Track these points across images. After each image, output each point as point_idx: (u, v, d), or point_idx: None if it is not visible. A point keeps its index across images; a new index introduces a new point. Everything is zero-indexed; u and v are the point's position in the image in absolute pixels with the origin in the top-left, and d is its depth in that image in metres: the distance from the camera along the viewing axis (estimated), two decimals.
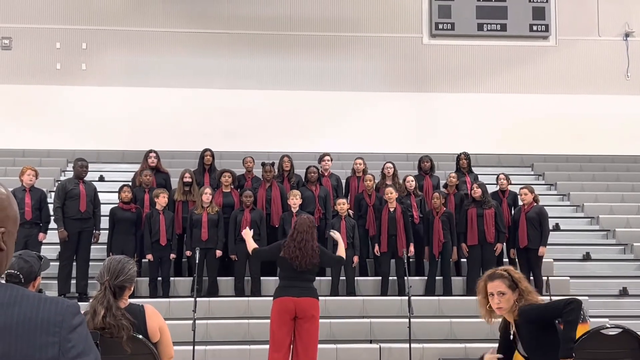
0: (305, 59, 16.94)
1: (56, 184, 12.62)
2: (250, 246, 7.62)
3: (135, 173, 11.91)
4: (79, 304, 1.76)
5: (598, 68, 17.28)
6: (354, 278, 10.71)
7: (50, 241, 10.86)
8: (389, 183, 11.67)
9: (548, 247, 11.10)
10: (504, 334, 4.86)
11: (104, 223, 10.84)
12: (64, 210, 10.46)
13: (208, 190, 10.60)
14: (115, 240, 10.46)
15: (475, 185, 11.11)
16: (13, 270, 3.88)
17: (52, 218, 10.62)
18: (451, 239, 10.80)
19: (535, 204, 10.92)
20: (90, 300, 4.26)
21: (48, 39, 16.40)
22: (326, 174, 11.89)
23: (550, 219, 11.81)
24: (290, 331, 7.23)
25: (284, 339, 7.19)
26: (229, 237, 10.57)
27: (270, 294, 10.07)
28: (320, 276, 10.96)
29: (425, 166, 12.35)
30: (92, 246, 10.68)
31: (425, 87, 17.05)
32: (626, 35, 17.41)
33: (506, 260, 10.80)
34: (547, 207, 11.70)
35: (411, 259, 10.91)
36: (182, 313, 9.37)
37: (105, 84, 16.27)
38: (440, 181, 12.44)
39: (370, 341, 9.80)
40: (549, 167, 15.98)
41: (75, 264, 10.49)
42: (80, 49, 16.47)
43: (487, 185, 11.62)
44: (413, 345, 9.01)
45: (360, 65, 17.02)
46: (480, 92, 17.07)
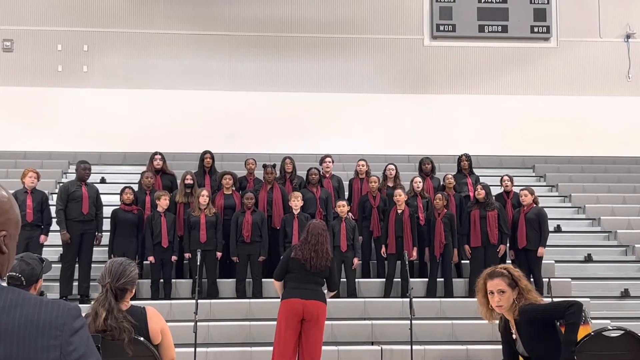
0: (307, 60, 16.94)
1: (58, 186, 12.63)
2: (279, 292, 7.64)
3: (141, 174, 11.93)
4: (80, 306, 1.76)
5: (599, 69, 17.27)
6: (355, 280, 10.70)
7: (52, 243, 10.86)
8: (390, 185, 11.67)
9: (549, 249, 11.08)
10: (505, 336, 4.83)
11: (106, 225, 10.85)
12: (66, 212, 10.46)
13: (205, 192, 10.60)
14: (116, 242, 10.46)
15: (479, 186, 11.10)
16: (15, 273, 3.88)
17: (54, 220, 10.62)
18: (452, 241, 10.80)
19: (534, 205, 10.92)
20: (92, 303, 4.26)
21: (49, 41, 16.42)
22: (327, 176, 11.89)
23: (552, 221, 11.80)
24: (296, 332, 7.22)
25: (290, 340, 7.19)
26: (230, 239, 10.57)
27: (272, 295, 10.12)
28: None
29: (426, 168, 12.34)
30: (94, 248, 10.68)
31: (426, 89, 17.05)
32: (627, 36, 17.41)
33: (509, 261, 10.79)
34: (548, 209, 11.70)
35: (415, 261, 10.92)
36: (184, 315, 9.36)
37: (106, 86, 16.28)
38: (442, 183, 12.43)
39: (372, 343, 9.79)
40: (550, 169, 15.98)
41: (77, 266, 10.49)
42: (82, 51, 16.48)
43: (490, 186, 11.59)
44: (414, 347, 9.01)
45: (362, 66, 17.03)
46: (482, 94, 17.06)
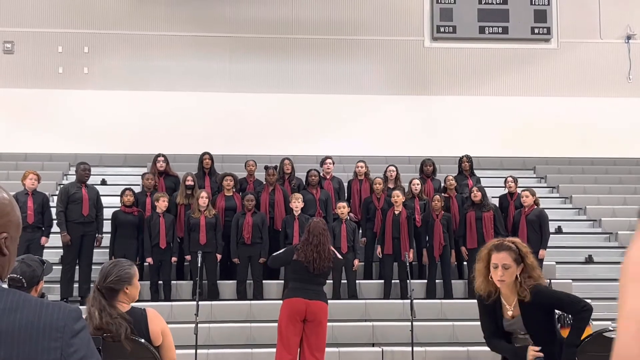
0: (307, 62, 16.95)
1: (58, 187, 12.63)
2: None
3: (142, 175, 11.94)
4: (81, 308, 1.76)
5: (600, 71, 17.27)
6: (356, 281, 10.70)
7: (53, 245, 10.86)
8: (391, 186, 11.68)
9: (550, 251, 11.07)
10: (490, 310, 4.66)
11: (107, 227, 10.85)
12: (67, 214, 10.47)
13: (204, 194, 10.60)
14: (117, 243, 10.46)
15: (475, 188, 11.11)
16: (16, 275, 3.88)
17: (55, 222, 10.63)
18: (449, 242, 10.81)
19: (535, 207, 10.91)
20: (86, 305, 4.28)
21: (50, 42, 16.42)
22: (328, 177, 11.89)
23: (553, 222, 11.79)
24: (299, 332, 7.22)
25: (293, 339, 7.19)
26: (231, 241, 10.57)
27: (273, 297, 10.12)
28: None
29: (427, 169, 12.35)
30: (95, 250, 10.68)
31: (427, 90, 17.05)
32: (628, 37, 17.41)
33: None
34: (549, 210, 11.69)
35: (414, 262, 10.91)
36: (184, 317, 9.36)
37: (107, 87, 16.28)
38: (442, 184, 12.44)
39: (373, 344, 9.79)
40: (551, 170, 15.97)
41: (77, 267, 10.50)
42: (82, 52, 16.49)
43: (490, 188, 11.61)
44: (415, 348, 9.00)
45: (362, 68, 17.03)
46: (482, 95, 17.07)
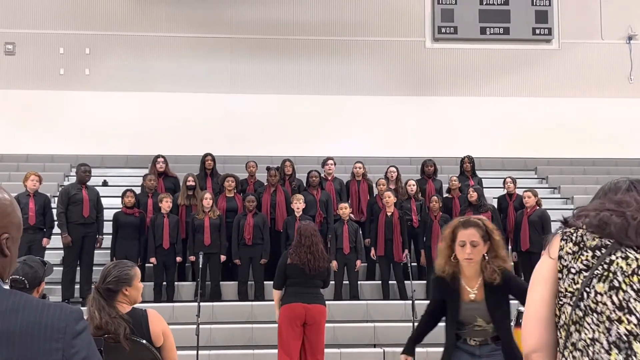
0: (308, 63, 16.95)
1: (60, 189, 12.63)
2: (276, 306, 7.55)
3: (143, 177, 11.94)
4: (82, 309, 1.76)
5: (601, 71, 17.27)
6: (358, 282, 10.70)
7: (54, 246, 10.86)
8: (392, 187, 11.68)
9: None
10: (445, 291, 4.46)
11: (107, 228, 10.85)
12: (67, 215, 10.48)
13: (208, 195, 10.61)
14: (118, 245, 10.46)
15: (471, 189, 11.13)
16: (18, 276, 3.88)
17: (56, 223, 10.63)
18: None
19: (537, 208, 10.91)
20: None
21: (51, 44, 16.43)
22: (329, 178, 11.90)
23: (554, 223, 11.77)
24: (299, 336, 7.23)
25: (294, 344, 7.19)
26: (232, 242, 10.57)
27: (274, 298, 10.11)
28: None
29: (428, 170, 12.36)
30: (96, 251, 10.69)
31: (428, 91, 17.06)
32: (629, 38, 17.40)
33: (511, 264, 10.76)
34: (551, 211, 11.67)
35: (413, 263, 10.91)
36: (186, 318, 9.36)
37: (108, 89, 16.29)
38: (444, 185, 12.44)
39: (374, 345, 9.78)
40: (553, 171, 15.96)
41: (78, 269, 10.50)
42: (84, 54, 16.50)
43: (491, 188, 11.59)
44: (417, 349, 8.94)
45: (363, 69, 17.03)
46: (483, 96, 17.06)
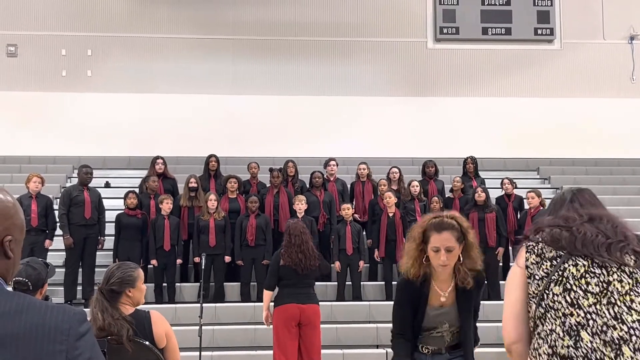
0: (310, 64, 16.95)
1: (62, 190, 12.64)
2: (265, 306, 7.55)
3: (142, 179, 11.94)
4: (85, 311, 1.76)
5: (603, 71, 17.25)
6: (360, 283, 10.70)
7: (56, 248, 10.87)
8: (394, 188, 11.68)
9: None
10: (415, 296, 4.09)
11: (109, 229, 10.85)
12: (69, 216, 10.48)
13: (212, 196, 10.61)
14: (121, 246, 10.47)
15: (479, 189, 11.12)
16: (21, 278, 3.89)
17: (58, 225, 10.64)
18: None
19: (542, 208, 10.90)
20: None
21: (53, 45, 16.45)
22: (332, 179, 11.90)
23: None
24: (296, 337, 7.24)
25: (291, 345, 7.20)
26: (234, 243, 10.57)
27: None
28: (327, 281, 10.96)
29: (429, 171, 12.36)
30: (98, 252, 10.70)
31: (430, 92, 17.05)
32: (631, 38, 17.39)
33: (512, 264, 10.76)
34: None
35: None
36: (189, 319, 9.36)
37: (110, 90, 16.30)
38: (445, 185, 12.43)
39: (377, 346, 9.77)
40: (555, 171, 15.94)
41: (80, 270, 10.51)
42: (86, 55, 16.51)
43: (493, 189, 11.57)
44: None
45: (365, 69, 17.03)
46: (485, 96, 17.05)
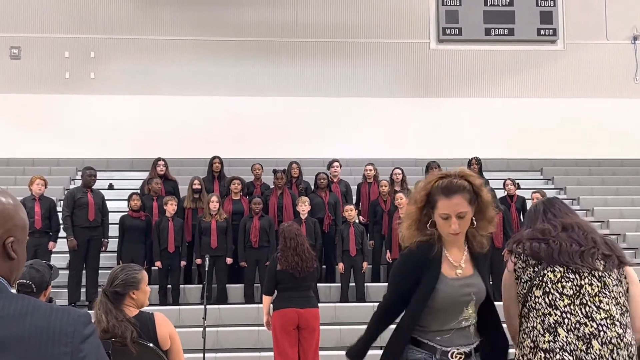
0: (313, 65, 16.95)
1: (65, 192, 12.66)
2: (265, 311, 7.53)
3: (144, 181, 11.94)
4: (90, 313, 1.76)
5: (606, 72, 17.23)
6: (364, 284, 10.69)
7: (59, 250, 10.88)
8: (397, 189, 11.67)
9: None
10: (422, 268, 3.28)
11: (113, 231, 10.86)
12: (73, 219, 10.49)
13: (214, 198, 10.61)
14: (125, 248, 10.47)
15: (487, 188, 11.09)
16: (25, 280, 3.89)
17: (62, 227, 10.65)
18: None
19: None
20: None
21: (56, 48, 16.47)
22: (335, 180, 11.89)
23: None
24: (295, 341, 7.23)
25: (291, 349, 7.19)
26: (238, 245, 10.57)
27: None
28: (330, 282, 10.96)
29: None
30: (102, 254, 10.70)
31: (433, 92, 17.04)
32: (634, 38, 17.37)
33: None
34: None
35: None
36: (192, 320, 9.36)
37: (113, 92, 16.32)
38: None
39: (381, 347, 9.75)
40: (558, 172, 15.93)
41: (84, 272, 10.51)
42: (89, 57, 16.53)
43: (495, 190, 11.50)
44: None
45: (368, 70, 17.03)
46: (489, 97, 17.04)
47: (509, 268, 3.45)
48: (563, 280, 3.20)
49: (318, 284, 10.24)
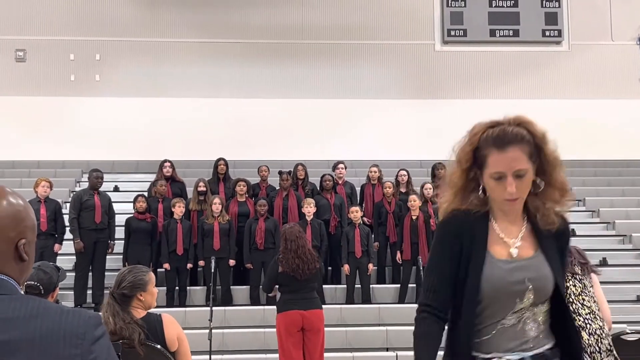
0: (319, 67, 16.95)
1: (71, 194, 12.67)
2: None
3: (151, 183, 11.95)
4: (100, 315, 1.76)
5: (611, 72, 17.19)
6: (370, 286, 10.68)
7: (66, 252, 10.89)
8: (403, 190, 11.67)
9: None
10: (466, 244, 2.47)
11: (119, 233, 10.86)
12: (79, 221, 10.49)
13: (217, 200, 10.61)
14: (131, 250, 10.48)
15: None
16: (33, 282, 3.89)
17: (68, 229, 10.65)
18: None
19: None
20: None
21: (62, 50, 16.49)
22: (340, 182, 11.89)
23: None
24: (300, 343, 7.22)
25: (296, 351, 7.18)
26: (244, 246, 10.57)
27: None
28: (336, 284, 10.95)
29: (439, 173, 12.32)
30: (108, 256, 10.70)
31: (437, 94, 17.03)
32: (639, 39, 17.31)
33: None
34: None
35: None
36: (198, 322, 9.37)
37: (119, 94, 16.33)
38: None
39: (387, 349, 9.76)
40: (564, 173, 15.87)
41: (90, 274, 10.52)
42: (94, 60, 16.55)
43: None
44: None
45: (373, 72, 17.02)
46: (493, 98, 17.00)
47: None
48: None
49: (324, 286, 10.24)
